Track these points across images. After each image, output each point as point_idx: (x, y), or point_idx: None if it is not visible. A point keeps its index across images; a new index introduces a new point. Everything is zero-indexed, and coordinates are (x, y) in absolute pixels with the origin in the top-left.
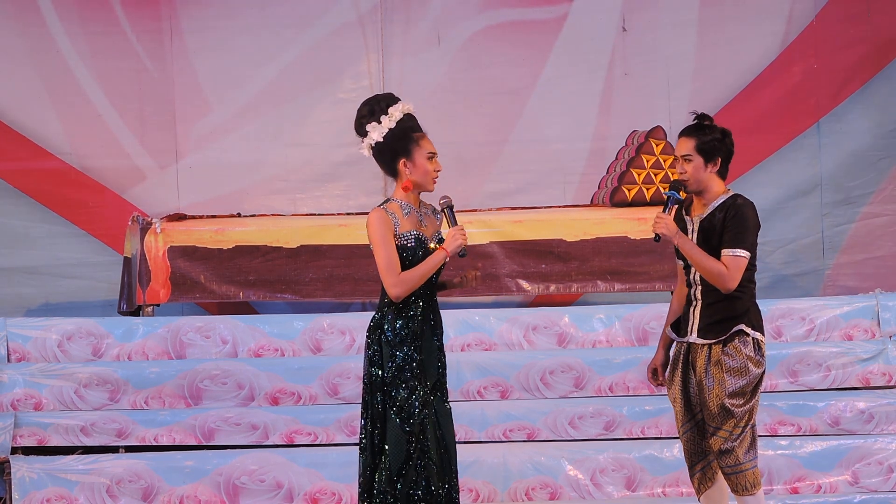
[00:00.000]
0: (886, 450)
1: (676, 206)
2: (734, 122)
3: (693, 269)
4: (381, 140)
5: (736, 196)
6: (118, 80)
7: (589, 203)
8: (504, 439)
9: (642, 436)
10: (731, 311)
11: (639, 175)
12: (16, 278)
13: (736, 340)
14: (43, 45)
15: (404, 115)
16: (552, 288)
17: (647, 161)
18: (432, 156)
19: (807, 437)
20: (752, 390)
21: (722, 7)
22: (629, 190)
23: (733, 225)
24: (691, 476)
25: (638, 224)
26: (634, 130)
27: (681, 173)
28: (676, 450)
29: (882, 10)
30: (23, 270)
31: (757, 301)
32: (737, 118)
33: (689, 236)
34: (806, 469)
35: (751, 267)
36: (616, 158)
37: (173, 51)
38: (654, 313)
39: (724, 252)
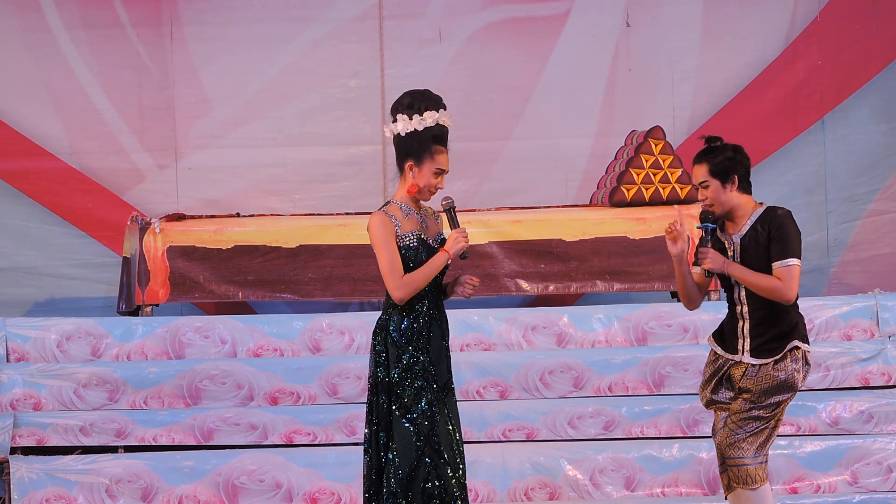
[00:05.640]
0: (885, 450)
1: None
2: (738, 119)
3: (738, 288)
4: (403, 135)
5: (773, 208)
6: (118, 79)
7: (588, 203)
8: (503, 439)
9: (641, 436)
10: (781, 327)
11: (637, 175)
12: (15, 278)
13: (787, 359)
14: (43, 42)
15: (437, 124)
16: (551, 288)
17: (646, 161)
18: (440, 172)
19: (806, 437)
20: (786, 400)
21: (726, 3)
22: (628, 190)
23: (778, 237)
24: (721, 473)
25: (637, 224)
26: (633, 130)
27: (702, 200)
28: (675, 450)
29: (887, 6)
30: (22, 270)
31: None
32: (741, 115)
33: (730, 255)
34: (805, 469)
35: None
36: (615, 158)
37: (174, 50)
38: (654, 313)
39: (776, 266)
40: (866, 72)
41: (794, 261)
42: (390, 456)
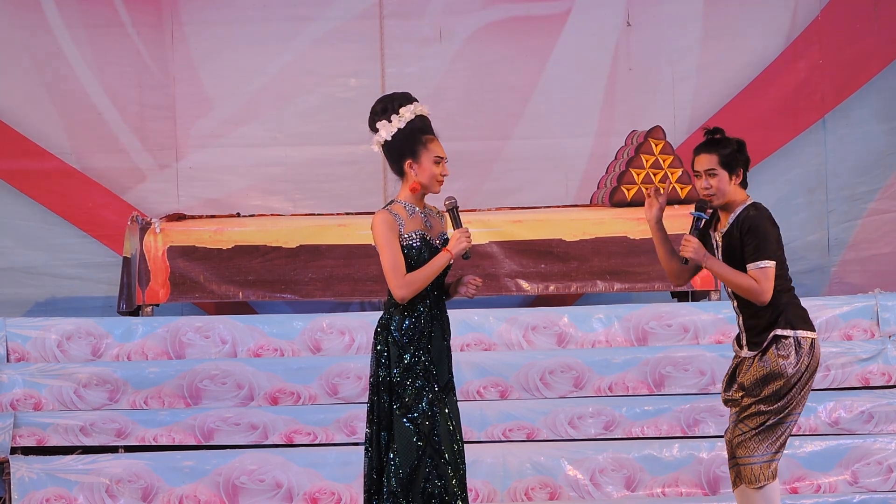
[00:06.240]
0: (886, 450)
1: (703, 223)
2: (739, 118)
3: None
4: (390, 139)
5: (749, 207)
6: (119, 78)
7: (589, 203)
8: (503, 439)
9: (641, 436)
10: (767, 318)
11: (638, 175)
12: (15, 278)
13: (773, 348)
14: (44, 42)
15: (416, 116)
16: (551, 288)
17: (647, 161)
18: (440, 160)
19: (806, 437)
20: (788, 391)
21: (726, 2)
22: (628, 190)
23: (750, 239)
24: (730, 468)
25: (637, 224)
26: (634, 130)
27: (705, 188)
28: (676, 450)
29: (888, 5)
30: (22, 270)
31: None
32: (741, 114)
33: (716, 252)
34: (805, 469)
35: (781, 268)
36: (615, 158)
37: (174, 49)
38: (654, 313)
39: (750, 267)
40: (867, 71)
41: (767, 263)
42: (391, 455)
